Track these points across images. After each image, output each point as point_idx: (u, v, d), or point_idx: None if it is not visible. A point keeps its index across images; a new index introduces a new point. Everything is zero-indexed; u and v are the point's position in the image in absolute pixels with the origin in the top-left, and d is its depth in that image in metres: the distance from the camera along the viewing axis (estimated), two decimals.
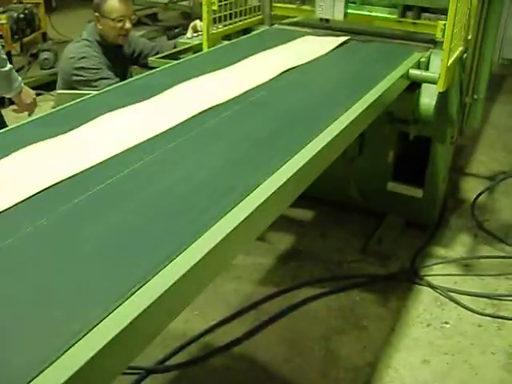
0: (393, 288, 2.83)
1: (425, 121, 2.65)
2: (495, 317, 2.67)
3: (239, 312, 2.60)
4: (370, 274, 2.91)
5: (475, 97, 2.88)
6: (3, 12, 5.31)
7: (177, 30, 5.02)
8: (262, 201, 1.29)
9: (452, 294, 2.79)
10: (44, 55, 5.46)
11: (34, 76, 5.31)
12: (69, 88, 3.17)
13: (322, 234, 3.19)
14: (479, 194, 3.46)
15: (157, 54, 3.46)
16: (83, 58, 3.11)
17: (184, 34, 4.43)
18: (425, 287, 2.84)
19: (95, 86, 3.01)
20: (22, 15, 5.47)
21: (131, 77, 3.87)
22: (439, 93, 2.52)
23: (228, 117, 1.78)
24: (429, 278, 2.89)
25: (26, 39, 5.59)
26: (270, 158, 1.50)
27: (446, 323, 2.63)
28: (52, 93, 4.89)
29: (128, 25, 3.21)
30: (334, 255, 3.03)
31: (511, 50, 6.42)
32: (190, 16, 5.52)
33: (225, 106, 1.86)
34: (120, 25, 3.17)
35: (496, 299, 2.78)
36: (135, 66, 3.57)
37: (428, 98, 2.57)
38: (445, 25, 2.40)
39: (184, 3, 6.16)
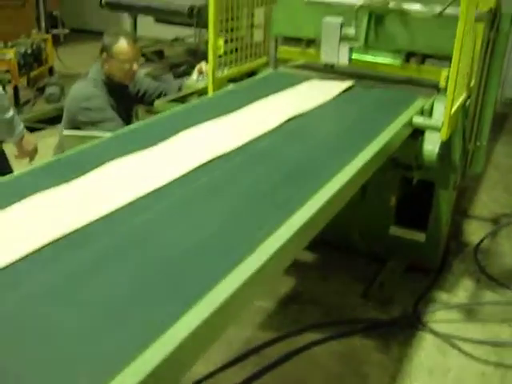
0: (395, 334, 2.80)
1: (428, 167, 2.66)
2: (499, 365, 2.64)
3: (240, 357, 2.58)
4: (372, 319, 2.89)
5: (478, 144, 2.89)
6: (11, 46, 5.38)
7: (182, 68, 5.06)
8: (264, 260, 1.29)
9: (455, 340, 2.77)
10: (50, 90, 5.51)
11: (40, 110, 5.36)
12: (73, 127, 3.19)
13: (323, 278, 3.18)
14: (482, 240, 3.46)
15: (161, 93, 3.49)
16: (88, 98, 3.14)
17: (190, 71, 4.48)
18: (427, 333, 2.82)
19: (99, 127, 3.03)
20: (29, 50, 5.54)
21: (136, 115, 3.92)
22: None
23: (231, 169, 1.79)
24: (431, 324, 2.86)
25: (32, 73, 5.64)
26: (274, 213, 1.50)
27: (449, 371, 2.60)
28: (57, 126, 4.94)
29: (135, 67, 3.25)
30: (336, 299, 3.01)
31: None
32: (195, 53, 5.58)
33: (228, 156, 1.87)
34: (128, 66, 3.20)
35: (499, 346, 2.76)
36: (141, 105, 3.59)
37: (431, 145, 2.58)
38: (448, 74, 2.42)
39: (190, 40, 6.22)
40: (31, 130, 4.91)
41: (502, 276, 3.29)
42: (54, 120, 5.12)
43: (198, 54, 5.39)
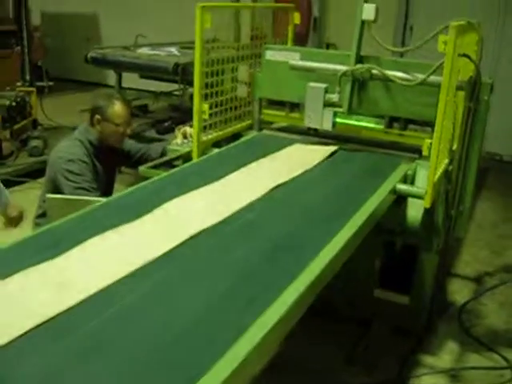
0: None
1: (411, 232, 2.67)
2: None
3: None
4: None
5: (461, 208, 2.91)
6: None
7: (166, 124, 5.09)
8: (252, 346, 1.28)
9: None
10: (33, 143, 5.49)
11: (23, 163, 5.33)
12: (53, 185, 3.16)
13: (307, 342, 3.13)
14: (466, 303, 3.46)
15: (143, 155, 3.48)
16: (70, 160, 3.11)
17: (173, 127, 4.50)
18: None
19: (75, 194, 2.98)
20: (13, 103, 5.53)
21: (119, 171, 3.90)
22: None
23: (215, 245, 1.78)
24: None
25: (16, 126, 5.63)
26: (260, 294, 1.49)
27: None
28: (39, 180, 4.91)
29: (129, 131, 3.27)
30: (320, 364, 2.97)
31: (493, 143, 6.59)
32: (179, 108, 5.62)
33: (213, 230, 1.87)
34: (122, 130, 3.21)
35: None
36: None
37: (414, 211, 2.60)
38: (431, 143, 2.45)
39: (175, 92, 6.27)
40: (14, 183, 4.92)
41: (486, 337, 3.28)
42: (36, 173, 5.10)
43: (182, 110, 5.43)
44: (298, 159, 2.70)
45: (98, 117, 3.20)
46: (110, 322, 1.34)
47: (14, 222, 2.65)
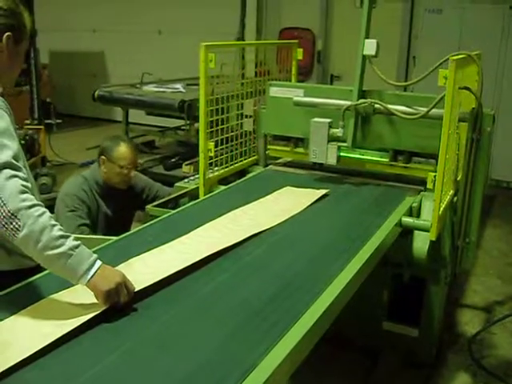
0: None
1: (418, 264, 2.67)
2: None
3: None
4: None
5: (467, 240, 2.91)
6: None
7: (173, 160, 5.13)
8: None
9: None
10: (42, 180, 5.54)
11: None
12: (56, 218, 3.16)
13: (316, 374, 3.11)
14: (476, 333, 3.44)
15: (156, 194, 3.47)
16: (65, 194, 3.14)
17: (180, 163, 4.51)
18: None
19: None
20: (22, 141, 5.59)
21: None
22: None
23: (222, 283, 1.80)
24: None
25: None
26: (267, 332, 1.50)
27: None
28: None
29: (133, 173, 3.26)
30: None
31: (499, 170, 6.60)
32: (186, 144, 5.67)
33: (218, 268, 1.90)
34: (126, 172, 3.21)
35: None
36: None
37: (420, 243, 2.60)
38: (435, 176, 2.47)
39: (183, 127, 6.32)
40: None
41: (498, 368, 3.24)
42: None
43: (188, 145, 5.48)
44: (287, 203, 2.66)
45: (103, 157, 3.21)
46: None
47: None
